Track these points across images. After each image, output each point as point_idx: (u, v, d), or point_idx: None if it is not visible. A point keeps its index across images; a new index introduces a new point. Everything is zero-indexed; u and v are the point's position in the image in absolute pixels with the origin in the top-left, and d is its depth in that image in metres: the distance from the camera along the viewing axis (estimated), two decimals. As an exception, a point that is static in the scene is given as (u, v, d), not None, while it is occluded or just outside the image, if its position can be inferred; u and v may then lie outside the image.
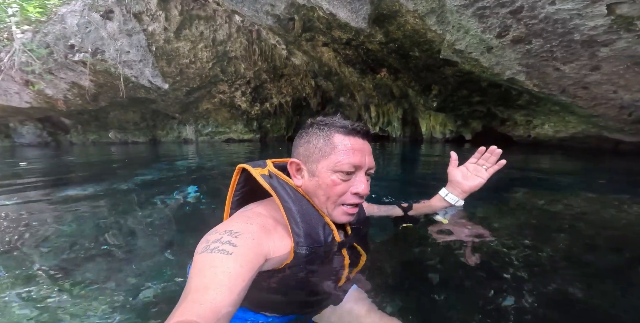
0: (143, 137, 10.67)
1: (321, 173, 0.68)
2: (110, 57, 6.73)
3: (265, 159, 0.79)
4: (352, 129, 0.69)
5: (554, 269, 0.81)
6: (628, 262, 0.86)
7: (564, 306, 0.65)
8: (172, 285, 0.82)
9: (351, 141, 0.68)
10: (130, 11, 6.13)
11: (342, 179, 0.67)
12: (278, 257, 0.63)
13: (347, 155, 0.67)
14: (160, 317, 0.68)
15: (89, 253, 1.09)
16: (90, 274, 0.91)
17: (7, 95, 8.30)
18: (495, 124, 5.32)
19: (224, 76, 7.52)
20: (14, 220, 1.50)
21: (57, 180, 2.80)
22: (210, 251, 0.53)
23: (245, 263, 0.53)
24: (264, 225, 0.64)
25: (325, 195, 0.68)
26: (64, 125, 11.27)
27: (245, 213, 0.68)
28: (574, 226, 1.18)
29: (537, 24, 2.49)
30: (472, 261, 0.83)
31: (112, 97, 8.06)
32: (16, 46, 6.89)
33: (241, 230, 0.59)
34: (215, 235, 0.57)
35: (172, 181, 2.63)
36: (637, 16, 1.90)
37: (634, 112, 2.60)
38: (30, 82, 7.59)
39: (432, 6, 3.21)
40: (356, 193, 0.68)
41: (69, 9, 6.52)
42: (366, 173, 0.71)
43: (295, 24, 4.88)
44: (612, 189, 1.77)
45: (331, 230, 0.70)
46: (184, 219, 1.51)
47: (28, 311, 0.74)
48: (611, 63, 2.28)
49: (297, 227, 0.66)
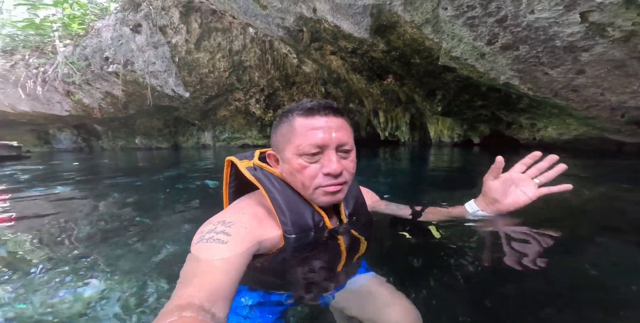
0: (166, 143, 11.41)
1: (289, 159, 0.66)
2: (138, 68, 7.38)
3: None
4: (310, 107, 0.65)
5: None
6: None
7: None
8: (187, 249, 1.12)
9: (311, 121, 0.65)
10: (156, 25, 6.71)
11: (309, 161, 0.65)
12: (270, 243, 0.65)
13: (307, 136, 0.64)
14: (172, 271, 0.89)
15: (125, 222, 1.45)
16: (126, 238, 1.23)
17: (50, 104, 9.21)
18: (502, 128, 5.35)
19: (239, 84, 8.02)
20: (79, 199, 2.02)
21: (100, 175, 3.56)
22: (205, 241, 0.56)
23: (239, 250, 0.55)
24: (255, 214, 0.66)
25: (300, 181, 0.66)
26: (96, 131, 12.27)
27: (238, 204, 0.70)
28: (577, 215, 1.17)
29: (522, 32, 2.64)
30: (484, 259, 0.77)
31: (139, 105, 8.75)
32: (59, 59, 7.59)
33: (234, 220, 0.61)
34: (210, 226, 0.59)
35: (193, 176, 3.13)
36: (608, 23, 2.02)
37: (626, 113, 2.64)
38: (71, 92, 8.40)
39: (427, 17, 3.43)
40: (327, 174, 0.64)
41: (104, 23, 7.17)
42: (339, 151, 0.66)
43: (304, 35, 5.24)
44: (611, 186, 1.81)
45: (321, 217, 0.70)
46: (201, 202, 1.85)
47: (82, 259, 1.07)
48: (593, 67, 2.38)
49: (284, 216, 0.66)
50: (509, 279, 0.68)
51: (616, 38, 2.08)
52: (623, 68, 2.23)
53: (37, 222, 1.46)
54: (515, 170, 0.77)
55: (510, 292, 0.66)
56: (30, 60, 7.98)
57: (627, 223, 1.13)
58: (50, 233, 1.30)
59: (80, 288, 0.82)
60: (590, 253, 0.79)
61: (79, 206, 1.80)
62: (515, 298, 0.64)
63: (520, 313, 0.62)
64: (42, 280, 0.87)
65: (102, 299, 0.77)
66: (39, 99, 8.73)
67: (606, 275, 0.69)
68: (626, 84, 2.35)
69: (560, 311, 0.59)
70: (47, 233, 1.30)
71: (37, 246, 1.14)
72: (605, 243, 0.87)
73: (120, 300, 0.77)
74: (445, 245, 0.80)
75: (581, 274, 0.69)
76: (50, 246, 1.14)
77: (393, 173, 3.31)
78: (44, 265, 0.96)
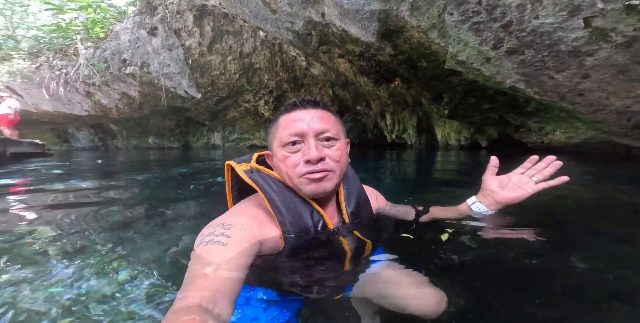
0: (177, 142, 11.73)
1: (275, 153, 0.70)
2: (154, 70, 7.65)
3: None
4: (291, 104, 0.71)
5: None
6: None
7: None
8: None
9: (291, 115, 0.69)
10: (171, 28, 6.93)
11: (290, 151, 0.67)
12: (271, 244, 0.66)
13: (286, 128, 0.68)
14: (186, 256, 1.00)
15: (145, 212, 1.59)
16: (146, 226, 1.36)
17: (71, 104, 9.63)
18: (510, 131, 5.31)
19: (249, 86, 8.21)
20: (100, 191, 2.24)
21: (120, 171, 3.91)
22: (205, 244, 0.57)
23: (240, 251, 0.57)
24: (254, 216, 0.67)
25: (285, 172, 0.68)
26: (112, 131, 12.72)
27: (237, 208, 0.72)
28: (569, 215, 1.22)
29: (527, 36, 2.67)
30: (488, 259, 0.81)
31: (154, 105, 9.05)
32: (81, 61, 7.88)
33: (233, 222, 0.62)
34: (209, 229, 0.61)
35: (205, 173, 3.32)
36: (611, 28, 2.04)
37: (632, 117, 2.62)
38: (91, 93, 8.76)
39: (433, 22, 3.48)
40: (307, 161, 0.66)
41: (122, 26, 7.43)
42: (320, 139, 0.68)
43: (313, 38, 5.35)
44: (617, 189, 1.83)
45: (321, 216, 0.70)
46: (212, 196, 1.98)
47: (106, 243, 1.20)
48: (598, 71, 2.39)
49: (282, 216, 0.67)
50: (512, 280, 0.73)
51: (619, 43, 2.10)
52: (627, 73, 2.24)
53: (68, 211, 1.61)
54: (514, 173, 0.82)
55: (515, 292, 0.70)
56: (54, 62, 8.38)
57: (616, 223, 1.18)
58: (81, 221, 1.44)
59: (108, 272, 0.91)
60: (580, 252, 0.85)
61: (104, 198, 1.98)
62: (523, 296, 0.68)
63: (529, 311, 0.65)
64: (72, 265, 0.96)
65: (129, 281, 0.85)
66: (60, 99, 9.14)
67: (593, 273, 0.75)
68: (630, 89, 2.34)
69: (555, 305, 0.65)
70: (79, 220, 1.45)
71: (69, 233, 1.27)
72: (596, 241, 0.94)
73: (145, 281, 0.85)
74: (448, 247, 0.84)
75: (568, 272, 0.74)
76: (81, 232, 1.28)
77: (398, 175, 3.36)
78: (73, 251, 1.08)
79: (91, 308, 0.73)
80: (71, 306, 0.73)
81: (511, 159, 3.20)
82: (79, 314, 0.71)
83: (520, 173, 0.82)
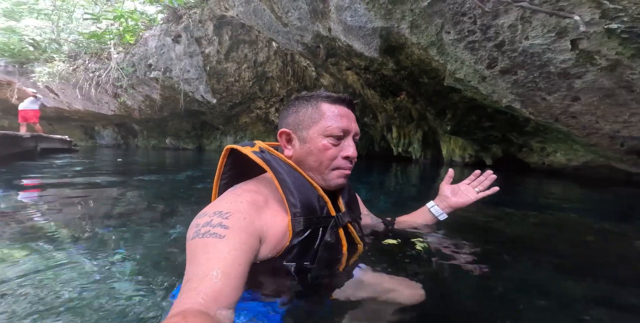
0: (192, 144, 12.23)
1: (312, 139, 0.69)
2: (175, 75, 8.16)
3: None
4: (337, 97, 0.73)
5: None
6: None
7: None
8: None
9: (338, 108, 0.71)
10: (193, 36, 7.38)
11: (333, 143, 0.69)
12: (273, 235, 0.62)
13: (336, 121, 0.69)
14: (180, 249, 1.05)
15: (148, 211, 1.74)
16: (148, 221, 1.51)
17: (100, 104, 10.36)
18: (514, 150, 5.21)
19: (261, 93, 8.55)
20: (113, 188, 2.47)
21: (136, 170, 4.22)
22: (201, 236, 0.52)
23: (239, 245, 0.52)
24: (253, 201, 0.63)
25: (318, 160, 0.69)
26: (134, 130, 13.47)
27: (234, 191, 0.66)
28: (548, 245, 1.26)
29: (518, 57, 2.71)
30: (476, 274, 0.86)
31: (173, 108, 9.56)
32: (112, 65, 8.54)
33: (231, 210, 0.57)
34: (205, 218, 0.55)
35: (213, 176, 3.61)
36: (595, 51, 2.06)
37: (624, 142, 2.54)
38: (118, 95, 9.42)
39: (432, 40, 3.58)
40: (347, 157, 0.70)
41: (150, 33, 8.00)
42: (354, 139, 0.73)
43: (321, 51, 5.58)
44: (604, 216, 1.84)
45: (325, 202, 0.70)
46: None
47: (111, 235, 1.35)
48: (587, 94, 2.37)
49: (293, 197, 0.65)
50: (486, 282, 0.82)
51: (604, 66, 2.10)
52: (613, 97, 2.21)
53: (89, 204, 1.81)
54: (463, 182, 1.04)
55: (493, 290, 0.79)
56: (89, 65, 9.13)
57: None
58: (89, 217, 1.60)
59: (111, 256, 1.00)
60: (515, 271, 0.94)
61: (111, 194, 2.18)
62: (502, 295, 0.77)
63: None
64: (83, 247, 1.07)
65: (125, 264, 0.92)
66: (91, 99, 9.88)
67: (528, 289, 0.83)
68: (617, 113, 2.30)
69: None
70: (97, 209, 1.63)
71: (82, 220, 1.44)
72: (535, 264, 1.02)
73: (142, 267, 0.92)
74: (423, 253, 0.91)
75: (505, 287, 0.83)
76: (94, 220, 1.44)
77: (398, 189, 3.36)
78: (82, 237, 1.21)
79: (89, 301, 0.72)
80: (71, 297, 0.73)
81: (513, 178, 3.27)
82: (77, 306, 0.69)
83: (467, 184, 1.03)
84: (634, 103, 2.15)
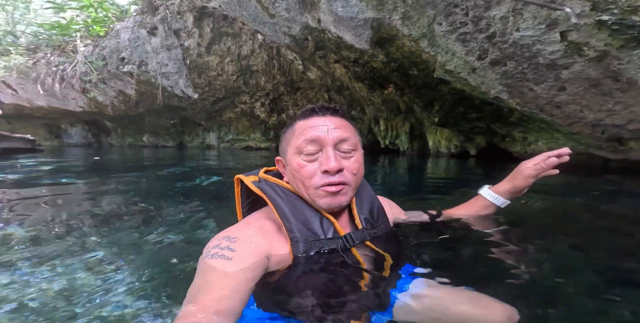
0: (172, 141, 11.71)
1: (290, 160, 0.68)
2: (152, 69, 7.70)
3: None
4: (308, 109, 0.69)
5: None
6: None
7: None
8: (180, 235, 1.24)
9: (308, 121, 0.67)
10: (171, 28, 6.99)
11: (307, 160, 0.65)
12: (279, 258, 0.63)
13: (303, 134, 0.65)
14: (166, 250, 1.03)
15: (128, 209, 1.62)
16: (129, 222, 1.41)
17: (66, 100, 9.61)
18: (497, 140, 5.45)
19: (245, 88, 8.30)
20: (90, 188, 2.29)
21: (115, 168, 4.00)
22: (210, 257, 0.56)
23: (245, 265, 0.55)
24: (261, 228, 0.65)
25: (300, 181, 0.66)
26: (106, 128, 12.67)
27: (245, 220, 0.71)
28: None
29: (509, 48, 2.80)
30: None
31: (150, 104, 9.07)
32: (79, 58, 7.96)
33: (238, 235, 0.60)
34: (215, 242, 0.60)
35: (197, 172, 3.38)
36: (584, 42, 2.17)
37: (605, 130, 2.75)
38: (87, 90, 8.78)
39: (424, 31, 3.61)
40: (325, 172, 0.63)
41: (123, 25, 7.51)
42: (338, 149, 0.66)
43: (309, 43, 5.48)
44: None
45: (331, 223, 0.67)
46: (201, 194, 2.04)
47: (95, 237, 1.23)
48: (573, 84, 2.51)
49: (289, 222, 0.64)
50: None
51: (591, 57, 2.22)
52: (599, 87, 2.36)
53: (59, 206, 1.65)
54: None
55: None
56: (52, 59, 8.41)
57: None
58: (64, 217, 1.48)
59: (86, 262, 0.93)
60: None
61: (93, 194, 2.03)
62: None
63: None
64: (53, 256, 0.98)
65: (110, 279, 0.85)
66: (55, 95, 9.14)
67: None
68: (602, 102, 2.46)
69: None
70: (67, 216, 1.50)
71: (52, 227, 1.32)
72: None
73: (125, 275, 0.87)
74: (482, 256, 0.82)
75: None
76: (67, 227, 1.32)
77: (388, 181, 3.43)
78: (53, 244, 1.11)
79: (70, 304, 0.71)
80: (49, 303, 0.72)
81: (496, 167, 3.37)
82: (57, 310, 0.68)
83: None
84: (619, 92, 2.30)
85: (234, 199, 0.80)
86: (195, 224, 1.36)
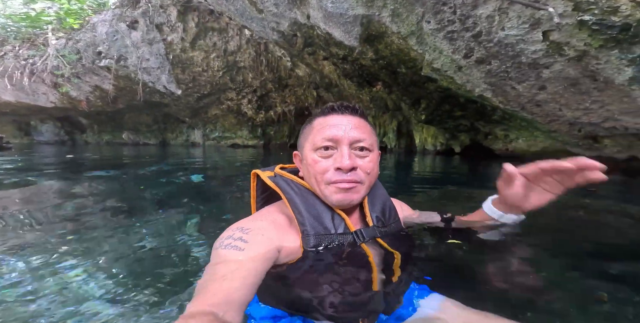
0: (154, 139, 11.29)
1: (306, 155, 0.70)
2: (131, 64, 7.39)
3: (269, 164, 0.83)
4: (327, 107, 0.71)
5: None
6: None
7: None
8: (162, 236, 1.19)
9: (327, 119, 0.69)
10: (153, 22, 6.76)
11: (322, 156, 0.67)
12: (289, 251, 0.64)
13: (321, 132, 0.67)
14: (147, 254, 0.98)
15: (107, 209, 1.54)
16: (106, 222, 1.33)
17: (35, 95, 9.04)
18: (480, 138, 5.64)
19: (232, 84, 8.13)
20: (67, 188, 2.13)
21: (90, 166, 3.77)
22: (223, 247, 0.58)
23: (256, 256, 0.56)
24: (274, 220, 0.67)
25: (313, 176, 0.68)
26: (81, 125, 12.03)
27: (259, 212, 0.74)
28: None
29: (493, 47, 2.89)
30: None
31: (129, 100, 8.70)
32: (50, 51, 7.52)
33: (251, 226, 0.62)
34: (229, 232, 0.61)
35: (180, 170, 3.24)
36: (565, 42, 2.27)
37: (582, 128, 2.90)
38: (58, 85, 8.30)
39: (412, 29, 3.67)
40: (338, 169, 0.65)
41: (100, 18, 7.18)
42: (354, 148, 0.67)
43: (298, 40, 5.43)
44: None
45: (342, 219, 0.68)
46: (185, 192, 1.95)
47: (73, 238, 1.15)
48: (553, 83, 2.63)
49: (301, 215, 0.66)
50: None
51: (571, 57, 2.33)
52: (577, 86, 2.49)
53: (30, 207, 1.53)
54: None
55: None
56: (20, 52, 7.88)
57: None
58: (35, 217, 1.38)
59: (64, 268, 0.88)
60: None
61: (69, 194, 1.89)
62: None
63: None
64: (22, 262, 0.92)
65: (85, 279, 0.82)
66: (24, 90, 8.57)
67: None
68: (580, 101, 2.60)
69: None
70: (33, 217, 1.39)
71: (28, 230, 1.22)
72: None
73: (102, 279, 0.83)
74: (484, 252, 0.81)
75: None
76: (43, 229, 1.23)
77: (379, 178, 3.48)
78: (24, 247, 1.03)
79: (44, 307, 0.69)
80: (22, 305, 0.70)
81: (480, 165, 3.47)
82: (31, 314, 0.67)
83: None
84: (596, 91, 2.43)
85: (219, 199, 0.83)
86: (173, 228, 1.31)
